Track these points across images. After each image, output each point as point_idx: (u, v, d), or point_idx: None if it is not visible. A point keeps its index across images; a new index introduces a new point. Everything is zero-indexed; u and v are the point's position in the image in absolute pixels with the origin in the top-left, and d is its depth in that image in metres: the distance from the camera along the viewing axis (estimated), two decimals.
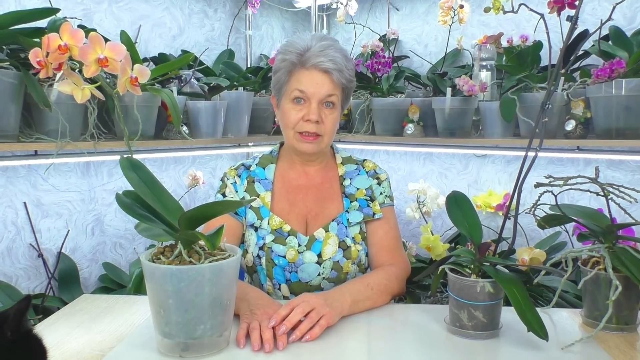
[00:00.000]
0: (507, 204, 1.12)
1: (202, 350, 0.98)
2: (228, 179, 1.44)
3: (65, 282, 1.85)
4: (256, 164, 1.45)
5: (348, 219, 1.39)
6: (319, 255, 1.35)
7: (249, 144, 2.33)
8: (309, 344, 1.04)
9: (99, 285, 1.97)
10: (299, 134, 1.34)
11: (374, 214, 1.41)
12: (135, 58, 1.62)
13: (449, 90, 1.95)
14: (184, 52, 2.22)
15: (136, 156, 1.04)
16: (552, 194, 1.06)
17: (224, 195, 1.42)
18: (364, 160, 1.50)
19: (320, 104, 1.33)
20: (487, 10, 1.18)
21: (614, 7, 1.20)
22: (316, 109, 1.32)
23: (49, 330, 1.10)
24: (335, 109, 1.35)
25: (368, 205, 1.41)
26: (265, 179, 1.43)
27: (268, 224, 1.37)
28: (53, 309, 1.54)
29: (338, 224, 1.39)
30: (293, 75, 1.34)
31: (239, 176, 1.44)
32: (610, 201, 1.09)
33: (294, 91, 1.33)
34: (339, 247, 1.36)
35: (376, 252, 1.41)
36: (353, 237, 1.39)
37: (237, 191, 1.42)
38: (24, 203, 1.80)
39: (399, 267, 1.37)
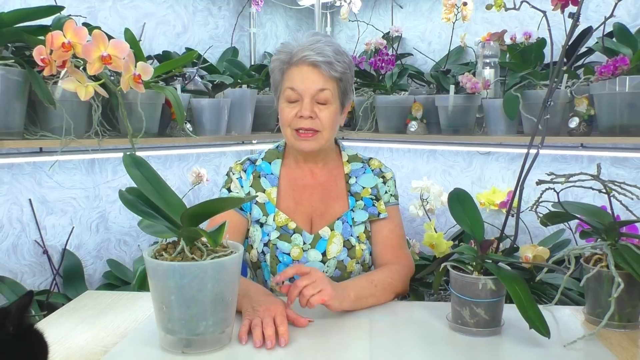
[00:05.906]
0: (510, 201, 1.12)
1: (204, 347, 0.98)
2: (233, 174, 1.43)
3: (70, 278, 1.86)
4: (262, 159, 1.45)
5: (353, 218, 1.39)
6: (324, 254, 1.35)
7: (253, 142, 2.33)
8: (311, 341, 1.04)
9: (103, 282, 1.98)
10: (295, 131, 1.33)
11: (379, 213, 1.41)
12: (139, 56, 1.63)
13: (452, 88, 1.95)
14: (188, 49, 2.22)
15: (140, 153, 1.04)
16: (555, 191, 1.06)
17: (229, 190, 1.42)
18: (370, 158, 1.49)
19: (313, 100, 1.31)
20: (489, 7, 1.18)
21: (616, 4, 1.20)
22: (309, 104, 1.30)
23: (52, 326, 1.11)
24: (331, 104, 1.33)
25: (373, 205, 1.41)
26: (271, 174, 1.42)
27: (273, 220, 1.37)
28: (58, 305, 1.54)
29: (343, 223, 1.39)
30: (285, 74, 1.33)
31: (245, 171, 1.43)
32: (613, 198, 1.08)
33: (286, 90, 1.32)
34: (344, 246, 1.37)
35: (380, 251, 1.41)
36: (358, 236, 1.39)
37: (242, 186, 1.42)
38: (29, 200, 1.81)
39: (403, 266, 1.37)
